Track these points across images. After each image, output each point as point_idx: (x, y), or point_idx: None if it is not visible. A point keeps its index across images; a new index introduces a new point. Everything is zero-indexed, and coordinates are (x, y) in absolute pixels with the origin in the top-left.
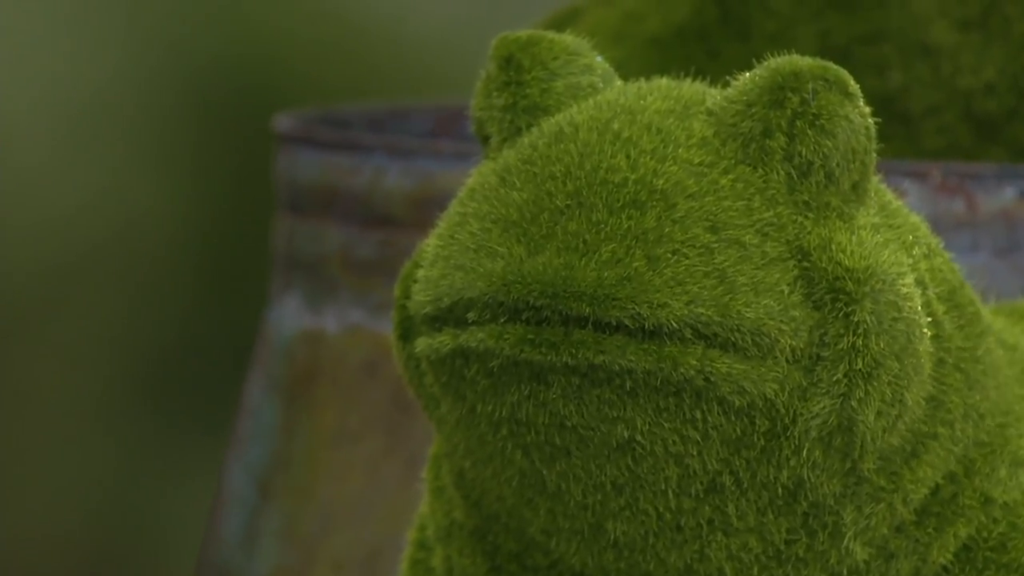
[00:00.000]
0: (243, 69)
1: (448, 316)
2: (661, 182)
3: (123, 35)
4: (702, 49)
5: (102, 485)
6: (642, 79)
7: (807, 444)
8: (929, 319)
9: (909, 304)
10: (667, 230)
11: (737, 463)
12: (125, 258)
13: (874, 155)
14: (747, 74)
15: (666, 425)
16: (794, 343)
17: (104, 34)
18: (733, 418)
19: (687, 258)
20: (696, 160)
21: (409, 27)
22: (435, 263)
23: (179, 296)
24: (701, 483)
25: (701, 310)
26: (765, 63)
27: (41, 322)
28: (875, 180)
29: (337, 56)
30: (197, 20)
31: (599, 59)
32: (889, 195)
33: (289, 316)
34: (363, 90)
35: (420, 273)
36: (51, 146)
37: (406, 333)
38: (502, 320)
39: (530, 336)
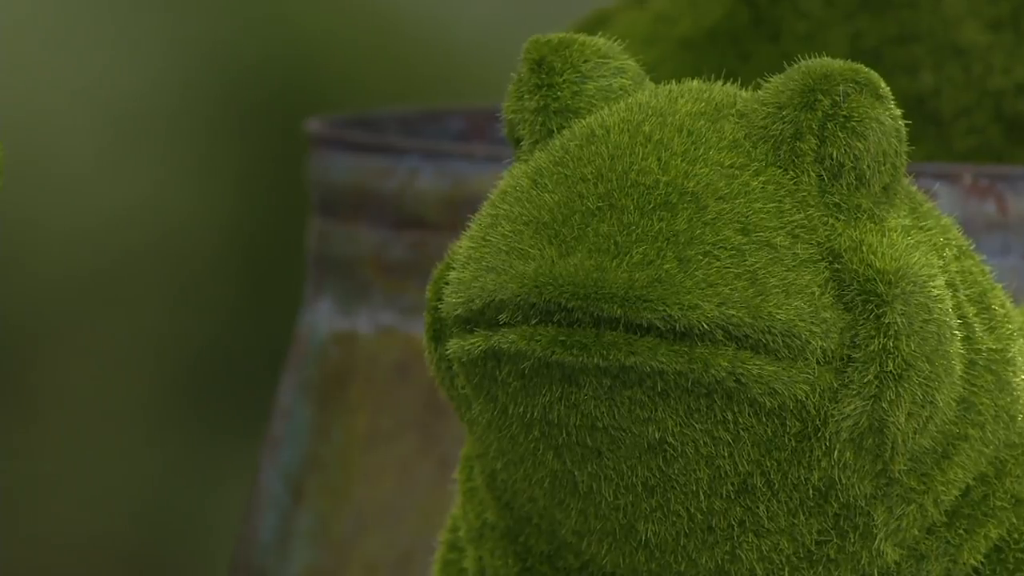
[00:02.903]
0: (284, 73)
1: (480, 318)
2: (692, 184)
3: (164, 40)
4: (733, 51)
5: (141, 487)
6: (673, 81)
7: (838, 445)
8: (960, 321)
9: (940, 306)
10: (698, 232)
11: (768, 464)
12: (166, 262)
13: (905, 157)
14: (778, 76)
15: (697, 426)
16: (825, 344)
17: (144, 39)
18: (764, 419)
19: (718, 260)
20: (727, 162)
21: (446, 30)
22: (467, 265)
23: (219, 298)
24: (732, 484)
25: (732, 312)
26: (796, 65)
27: (82, 326)
28: (906, 182)
29: (377, 59)
30: (237, 24)
31: (630, 61)
32: (920, 197)
33: (322, 318)
34: (403, 94)
35: (452, 275)
36: (92, 151)
37: (438, 335)
38: (533, 322)
39: (561, 338)
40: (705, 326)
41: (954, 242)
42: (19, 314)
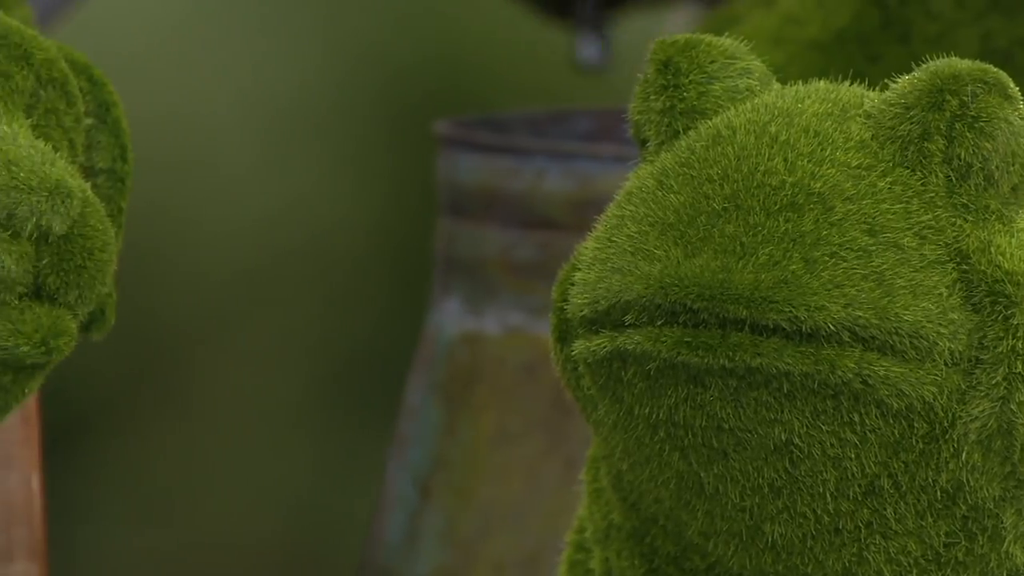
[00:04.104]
0: (435, 73)
1: (605, 319)
2: (819, 185)
3: (318, 42)
4: (862, 53)
5: (292, 487)
6: (800, 82)
7: (966, 447)
8: None
9: None
10: (824, 233)
11: (895, 466)
12: (318, 262)
13: None
14: (905, 77)
15: (824, 428)
16: (953, 346)
17: (299, 42)
18: (891, 421)
19: (845, 261)
20: (854, 163)
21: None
22: (592, 266)
23: (370, 298)
24: (859, 486)
25: (859, 313)
26: (924, 66)
27: (236, 326)
28: None
29: (527, 59)
30: (388, 26)
31: (757, 62)
32: None
33: (450, 318)
34: (551, 92)
35: (577, 276)
36: (248, 152)
37: (564, 336)
38: (659, 322)
39: (687, 339)
40: (832, 327)
41: None
42: (175, 313)
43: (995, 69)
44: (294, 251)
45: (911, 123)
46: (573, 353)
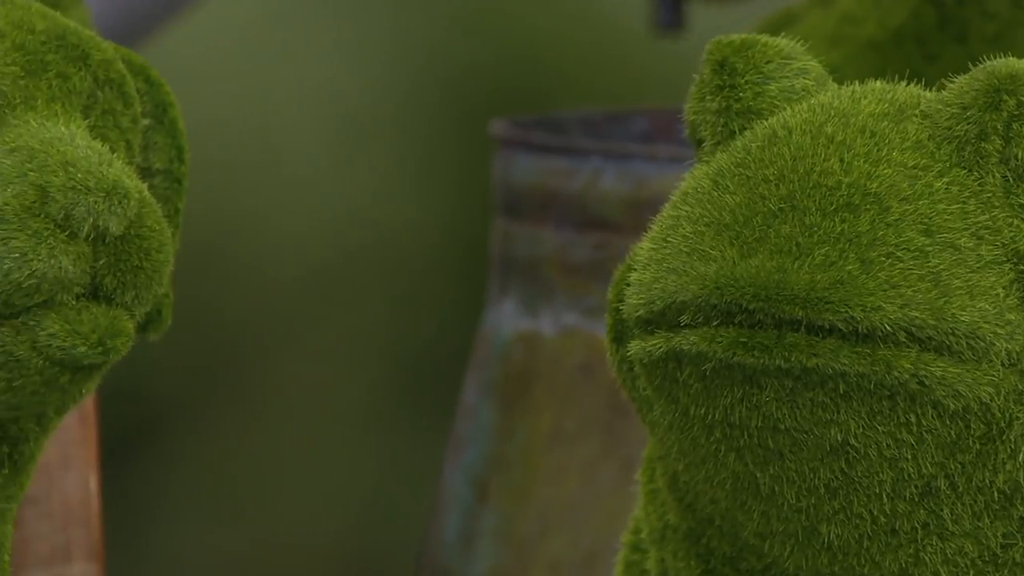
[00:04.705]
0: (503, 74)
1: (661, 319)
2: (875, 185)
3: (383, 44)
4: (919, 52)
5: (362, 486)
6: (857, 82)
7: (1023, 448)
8: None
9: None
10: (881, 233)
11: (952, 467)
12: (387, 262)
13: None
14: (962, 77)
15: (880, 428)
16: (1010, 347)
17: (369, 42)
18: (948, 422)
19: (901, 261)
20: (910, 163)
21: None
22: (648, 266)
23: (438, 298)
24: (916, 487)
25: (915, 313)
26: (980, 66)
27: (306, 325)
28: None
29: (597, 60)
30: (457, 27)
31: (813, 62)
32: None
33: (506, 318)
34: (615, 93)
35: (633, 276)
36: (317, 153)
37: (619, 336)
38: (715, 323)
39: (743, 339)
40: (888, 328)
41: None
42: (241, 313)
43: None
44: (359, 252)
45: (968, 123)
46: (629, 354)
